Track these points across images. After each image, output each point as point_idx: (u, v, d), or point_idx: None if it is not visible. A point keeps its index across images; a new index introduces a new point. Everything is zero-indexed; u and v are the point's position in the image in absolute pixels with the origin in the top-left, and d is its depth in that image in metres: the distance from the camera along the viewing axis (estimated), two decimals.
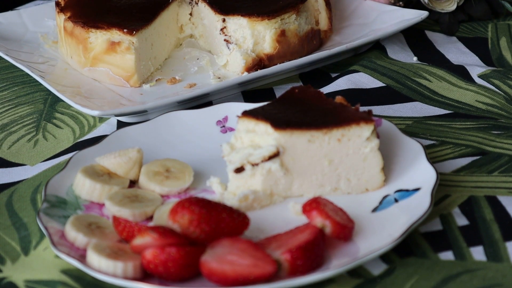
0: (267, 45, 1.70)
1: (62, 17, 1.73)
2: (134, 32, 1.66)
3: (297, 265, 1.17)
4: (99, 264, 1.19)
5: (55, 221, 1.29)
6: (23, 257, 1.28)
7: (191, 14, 1.82)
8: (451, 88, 1.67)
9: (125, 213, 1.30)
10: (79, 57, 1.71)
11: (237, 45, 1.71)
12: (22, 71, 1.79)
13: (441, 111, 1.60)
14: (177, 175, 1.38)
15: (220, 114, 1.52)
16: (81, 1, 1.76)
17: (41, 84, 1.72)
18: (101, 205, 1.35)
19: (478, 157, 1.45)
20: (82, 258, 1.21)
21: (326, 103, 1.38)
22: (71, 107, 1.65)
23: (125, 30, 1.66)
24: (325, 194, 1.35)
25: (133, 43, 1.66)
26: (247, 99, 1.67)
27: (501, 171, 1.42)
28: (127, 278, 1.18)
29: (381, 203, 1.33)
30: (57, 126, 1.61)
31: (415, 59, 1.79)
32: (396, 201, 1.32)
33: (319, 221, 1.22)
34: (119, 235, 1.26)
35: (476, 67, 1.73)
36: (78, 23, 1.69)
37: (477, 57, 1.81)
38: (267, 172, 1.33)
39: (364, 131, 1.32)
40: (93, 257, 1.20)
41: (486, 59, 1.80)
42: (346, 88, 1.68)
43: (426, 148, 1.46)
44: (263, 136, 1.33)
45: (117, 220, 1.25)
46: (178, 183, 1.37)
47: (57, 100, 1.69)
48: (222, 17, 1.72)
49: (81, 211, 1.33)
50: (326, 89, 1.68)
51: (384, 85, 1.69)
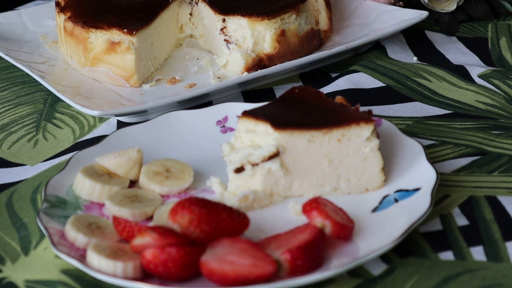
0: (267, 45, 1.70)
1: (62, 17, 1.73)
2: (134, 32, 1.66)
3: (297, 265, 1.17)
4: (99, 264, 1.19)
5: (55, 221, 1.29)
6: (23, 257, 1.28)
7: (191, 14, 1.82)
8: (451, 88, 1.67)
9: (125, 213, 1.30)
10: (79, 57, 1.71)
11: (237, 45, 1.71)
12: (22, 71, 1.79)
13: (441, 111, 1.60)
14: (177, 175, 1.38)
15: (220, 114, 1.52)
16: (81, 1, 1.76)
17: (41, 84, 1.72)
18: (101, 205, 1.35)
19: (478, 157, 1.45)
20: (82, 258, 1.21)
21: (326, 103, 1.37)
22: (71, 107, 1.65)
23: (125, 30, 1.66)
24: (325, 194, 1.35)
25: (133, 43, 1.66)
26: (247, 99, 1.67)
27: (501, 171, 1.42)
28: (127, 278, 1.18)
29: (381, 203, 1.33)
30: (57, 126, 1.61)
31: (415, 59, 1.79)
32: (396, 201, 1.32)
33: (319, 221, 1.22)
34: (119, 235, 1.26)
35: (476, 67, 1.73)
36: (78, 23, 1.69)
37: (477, 57, 1.80)
38: (267, 172, 1.33)
39: (364, 131, 1.32)
40: (93, 257, 1.20)
41: (486, 59, 1.80)
42: (346, 88, 1.67)
43: (426, 148, 1.46)
44: (263, 136, 1.33)
45: (117, 220, 1.25)
46: (178, 183, 1.37)
47: (57, 100, 1.69)
48: (222, 17, 1.72)
49: (81, 211, 1.33)
50: (326, 89, 1.68)
51: (384, 85, 1.69)
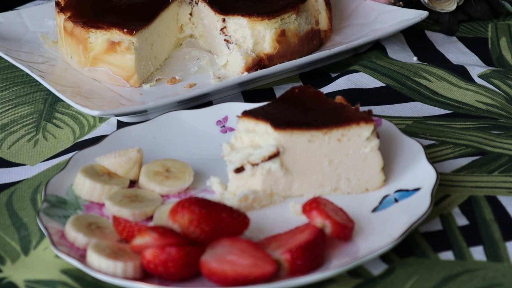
0: (267, 45, 1.70)
1: (62, 17, 1.73)
2: (134, 32, 1.66)
3: (297, 265, 1.17)
4: (99, 264, 1.19)
5: (55, 221, 1.29)
6: (23, 257, 1.28)
7: (191, 14, 1.82)
8: (451, 88, 1.67)
9: (125, 213, 1.30)
10: (79, 57, 1.71)
11: (237, 45, 1.71)
12: (22, 71, 1.79)
13: (441, 111, 1.60)
14: (177, 175, 1.38)
15: (220, 114, 1.52)
16: (81, 1, 1.76)
17: (41, 84, 1.72)
18: (101, 205, 1.35)
19: (478, 157, 1.45)
20: (82, 258, 1.21)
21: (326, 103, 1.37)
22: (71, 107, 1.65)
23: (125, 30, 1.66)
24: (325, 194, 1.35)
25: (133, 43, 1.66)
26: (247, 99, 1.67)
27: (501, 171, 1.41)
28: (127, 278, 1.18)
29: (381, 203, 1.33)
30: (57, 126, 1.61)
31: (415, 59, 1.79)
32: (396, 201, 1.32)
33: (319, 221, 1.22)
34: (119, 235, 1.26)
35: (476, 67, 1.73)
36: (78, 23, 1.69)
37: (477, 57, 1.80)
38: (267, 172, 1.33)
39: (364, 131, 1.32)
40: (93, 257, 1.20)
41: (486, 59, 1.80)
42: (346, 88, 1.67)
43: (426, 148, 1.46)
44: (263, 136, 1.33)
45: (117, 220, 1.25)
46: (178, 183, 1.37)
47: (57, 100, 1.69)
48: (222, 17, 1.72)
49: (81, 211, 1.33)
50: (326, 89, 1.68)
51: (384, 85, 1.69)
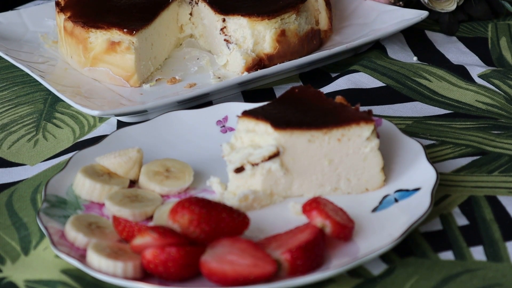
0: (267, 45, 1.70)
1: (62, 17, 1.73)
2: (134, 32, 1.66)
3: (297, 265, 1.17)
4: (99, 264, 1.19)
5: (55, 221, 1.29)
6: (23, 257, 1.28)
7: (191, 14, 1.82)
8: (451, 88, 1.67)
9: (125, 213, 1.30)
10: (79, 57, 1.71)
11: (237, 45, 1.71)
12: (22, 71, 1.79)
13: (441, 111, 1.60)
14: (177, 175, 1.38)
15: (220, 114, 1.52)
16: (81, 1, 1.76)
17: (41, 84, 1.72)
18: (101, 205, 1.35)
19: (478, 157, 1.45)
20: (82, 258, 1.21)
21: (326, 103, 1.37)
22: (71, 107, 1.65)
23: (125, 30, 1.66)
24: (325, 194, 1.35)
25: (133, 43, 1.66)
26: (247, 99, 1.67)
27: (501, 171, 1.41)
28: (127, 278, 1.18)
29: (381, 203, 1.33)
30: (57, 126, 1.61)
31: (415, 59, 1.79)
32: (396, 201, 1.32)
33: (319, 221, 1.22)
34: (119, 235, 1.26)
35: (476, 67, 1.73)
36: (78, 23, 1.69)
37: (477, 57, 1.80)
38: (267, 172, 1.33)
39: (364, 131, 1.32)
40: (93, 257, 1.20)
41: (486, 59, 1.80)
42: (346, 88, 1.67)
43: (426, 148, 1.46)
44: (263, 136, 1.33)
45: (117, 220, 1.25)
46: (178, 183, 1.37)
47: (57, 100, 1.69)
48: (222, 17, 1.72)
49: (81, 211, 1.33)
50: (326, 89, 1.68)
51: (384, 85, 1.69)
